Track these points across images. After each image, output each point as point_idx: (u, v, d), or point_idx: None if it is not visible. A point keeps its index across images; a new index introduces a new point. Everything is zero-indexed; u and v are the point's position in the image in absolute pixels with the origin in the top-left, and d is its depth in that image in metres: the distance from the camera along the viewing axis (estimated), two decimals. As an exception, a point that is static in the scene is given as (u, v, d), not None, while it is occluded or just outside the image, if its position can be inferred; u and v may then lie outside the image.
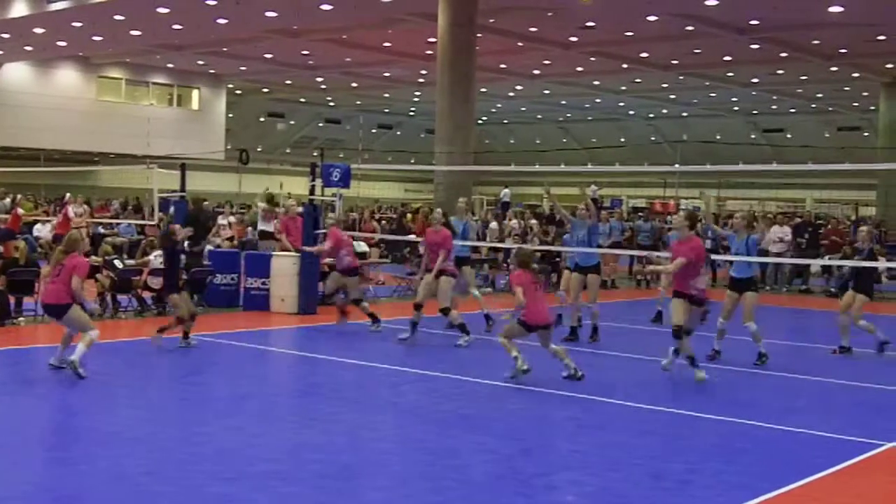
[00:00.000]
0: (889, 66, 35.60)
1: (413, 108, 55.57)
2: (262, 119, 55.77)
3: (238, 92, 50.12)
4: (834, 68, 35.63)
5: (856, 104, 46.32)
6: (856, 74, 37.21)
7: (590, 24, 29.40)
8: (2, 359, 11.97)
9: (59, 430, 8.54)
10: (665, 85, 42.47)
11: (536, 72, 39.63)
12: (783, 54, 33.01)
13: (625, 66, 36.73)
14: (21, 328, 13.97)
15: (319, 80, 44.36)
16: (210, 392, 10.42)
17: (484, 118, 55.79)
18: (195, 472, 7.04)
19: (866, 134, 48.72)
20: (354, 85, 45.49)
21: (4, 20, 29.44)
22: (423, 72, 38.67)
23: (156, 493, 6.54)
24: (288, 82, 45.69)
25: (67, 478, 6.92)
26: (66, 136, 40.57)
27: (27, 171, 37.47)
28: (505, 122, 60.57)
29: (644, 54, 34.58)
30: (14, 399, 9.52)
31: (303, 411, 9.47)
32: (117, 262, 15.77)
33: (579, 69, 38.29)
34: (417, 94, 47.76)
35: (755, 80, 40.26)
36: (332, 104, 54.91)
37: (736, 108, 50.40)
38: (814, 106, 47.73)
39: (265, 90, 49.92)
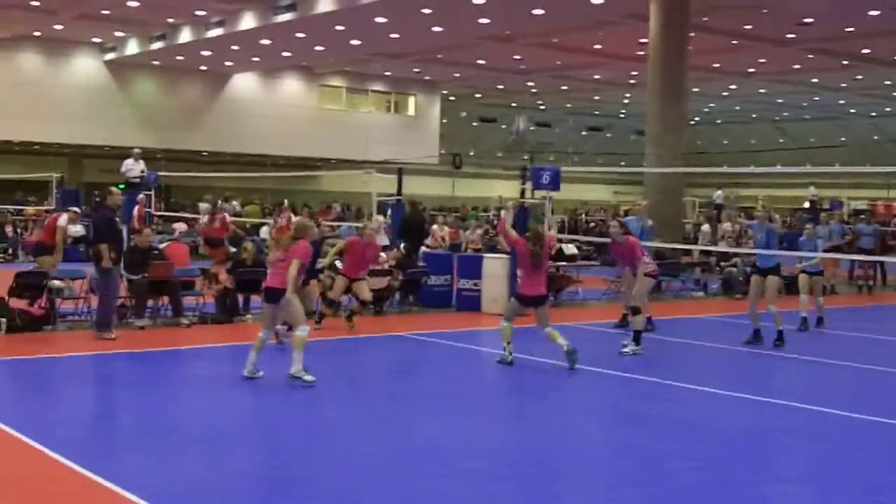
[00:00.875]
0: None
1: (623, 110, 55.11)
2: (474, 124, 56.61)
3: (451, 98, 51.06)
4: None
5: None
6: None
7: (807, 20, 28.46)
8: (229, 353, 12.71)
9: (273, 422, 8.88)
10: (888, 82, 40.48)
11: (751, 70, 38.60)
12: None
13: (845, 62, 35.29)
14: (249, 325, 14.74)
15: (530, 84, 44.67)
16: (420, 389, 10.76)
17: (696, 119, 54.74)
18: (403, 467, 7.31)
19: None
20: (564, 88, 45.55)
21: (234, 32, 31.10)
22: (634, 73, 38.33)
23: (365, 486, 6.83)
24: (500, 87, 46.20)
25: (280, 468, 7.23)
26: (290, 143, 42.35)
27: (254, 175, 39.47)
28: (718, 122, 59.20)
29: (865, 50, 33.12)
30: (236, 392, 10.07)
31: (510, 411, 9.68)
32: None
33: (796, 67, 37.06)
34: (628, 95, 47.36)
35: None
36: (542, 107, 55.16)
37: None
38: None
39: (477, 95, 50.66)
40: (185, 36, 33.06)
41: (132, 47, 36.19)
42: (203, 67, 39.46)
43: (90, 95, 38.00)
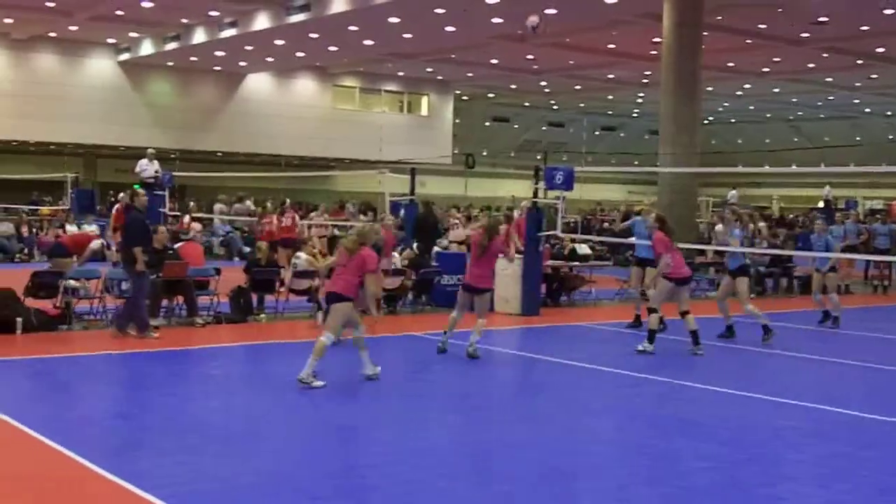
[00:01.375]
0: None
1: (636, 110, 55.04)
2: (487, 124, 56.62)
3: (465, 98, 51.07)
4: None
5: None
6: None
7: (822, 18, 28.39)
8: (244, 353, 12.81)
9: (289, 422, 8.93)
10: (903, 80, 40.37)
11: (766, 69, 38.50)
12: None
13: (859, 61, 35.16)
14: (262, 324, 14.86)
15: (543, 84, 44.66)
16: (433, 389, 10.80)
17: (710, 118, 54.61)
18: (416, 466, 7.33)
19: None
20: (578, 87, 45.53)
21: (248, 33, 31.18)
22: (647, 72, 38.31)
23: (378, 486, 6.88)
24: (513, 87, 46.20)
25: (296, 467, 7.29)
26: (304, 143, 42.44)
27: (267, 175, 39.57)
28: (732, 121, 59.06)
29: (880, 49, 33.00)
30: (252, 391, 10.16)
31: (522, 411, 9.69)
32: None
33: (811, 66, 36.95)
34: (641, 95, 47.30)
35: None
36: (555, 107, 55.11)
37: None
38: None
39: (490, 95, 50.67)
40: (199, 36, 33.17)
41: (146, 48, 36.34)
42: (217, 68, 39.59)
43: (105, 96, 38.17)
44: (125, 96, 38.93)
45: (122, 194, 24.39)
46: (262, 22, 30.11)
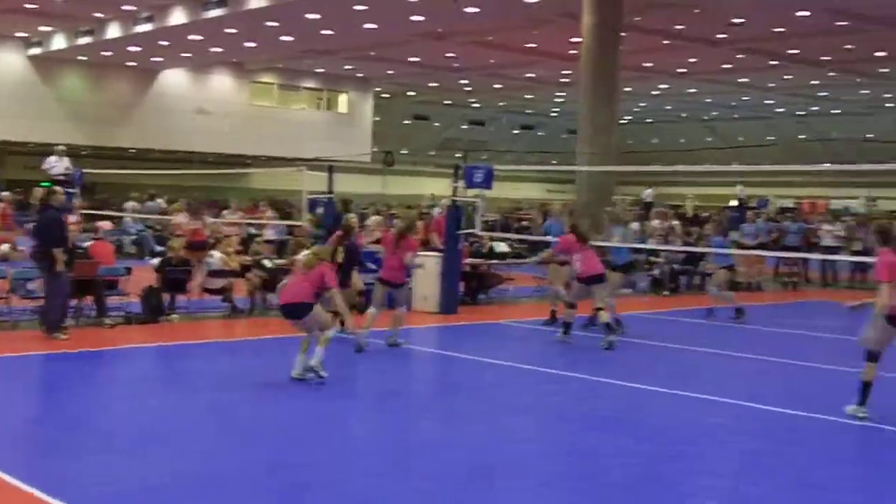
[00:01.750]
0: None
1: (556, 109, 55.42)
2: (407, 122, 56.52)
3: (385, 95, 50.90)
4: None
5: None
6: None
7: (738, 20, 28.83)
8: (155, 354, 12.50)
9: (204, 422, 8.73)
10: (815, 82, 41.20)
11: (682, 70, 39.03)
12: (941, 49, 31.63)
13: (773, 62, 35.83)
14: (175, 324, 14.55)
15: (464, 82, 44.71)
16: (353, 388, 10.71)
17: (627, 118, 55.25)
18: (336, 465, 7.26)
19: None
20: (498, 86, 45.68)
21: (164, 28, 30.61)
22: (566, 72, 38.56)
23: (304, 484, 6.78)
24: (433, 85, 46.16)
25: (213, 468, 7.14)
26: (221, 140, 41.91)
27: (182, 173, 38.90)
28: (648, 121, 59.82)
29: (793, 51, 33.65)
30: (163, 393, 9.98)
31: (442, 409, 9.63)
32: (266, 262, 16.32)
33: (726, 66, 37.54)
34: (561, 94, 47.62)
35: (910, 77, 38.64)
36: (476, 106, 55.23)
37: (890, 105, 48.49)
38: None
39: (411, 93, 50.57)
40: (113, 31, 32.46)
41: (58, 42, 35.47)
42: (131, 63, 38.83)
43: (13, 91, 37.17)
44: (35, 91, 37.95)
45: (4, 193, 23.94)
46: (177, 17, 29.57)
